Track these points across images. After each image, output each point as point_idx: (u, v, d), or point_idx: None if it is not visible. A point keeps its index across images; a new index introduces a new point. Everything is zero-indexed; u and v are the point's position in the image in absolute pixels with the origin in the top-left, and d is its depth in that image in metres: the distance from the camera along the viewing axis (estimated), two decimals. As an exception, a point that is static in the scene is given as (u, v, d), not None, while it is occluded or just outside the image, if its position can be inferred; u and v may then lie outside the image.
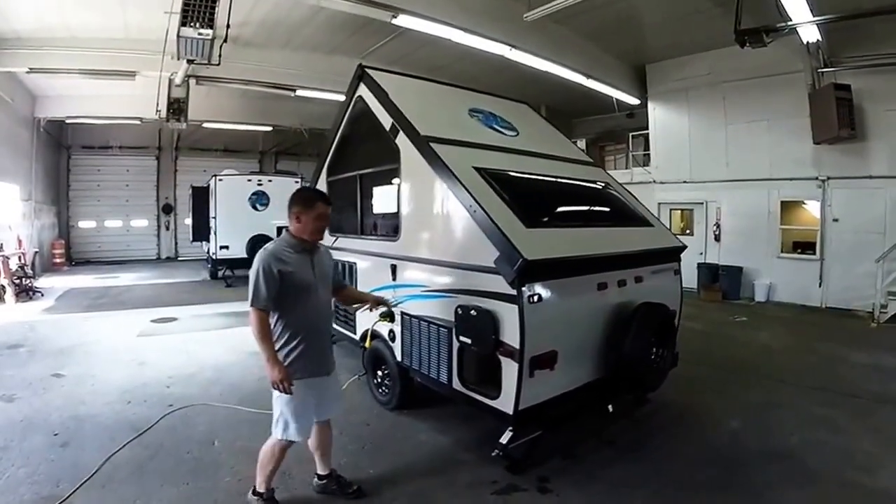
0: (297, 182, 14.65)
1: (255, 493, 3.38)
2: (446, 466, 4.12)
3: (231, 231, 13.34)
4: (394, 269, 4.87)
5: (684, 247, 5.46)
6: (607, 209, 5.35)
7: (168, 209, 19.76)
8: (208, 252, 14.87)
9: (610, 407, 4.39)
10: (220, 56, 9.05)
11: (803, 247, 11.56)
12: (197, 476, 3.84)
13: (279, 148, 20.93)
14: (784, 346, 8.00)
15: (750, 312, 10.60)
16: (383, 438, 4.57)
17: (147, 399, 5.37)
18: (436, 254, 4.39)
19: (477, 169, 4.30)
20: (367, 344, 4.61)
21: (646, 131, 14.38)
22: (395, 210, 4.92)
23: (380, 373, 5.28)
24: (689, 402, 5.40)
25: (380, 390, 5.28)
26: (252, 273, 3.03)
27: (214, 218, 13.55)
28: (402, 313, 4.67)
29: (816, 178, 10.81)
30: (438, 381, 4.35)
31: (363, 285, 5.36)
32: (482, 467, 4.04)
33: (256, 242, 13.17)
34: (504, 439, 3.81)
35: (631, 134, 15.11)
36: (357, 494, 3.58)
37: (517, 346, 3.59)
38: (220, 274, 14.00)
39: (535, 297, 3.65)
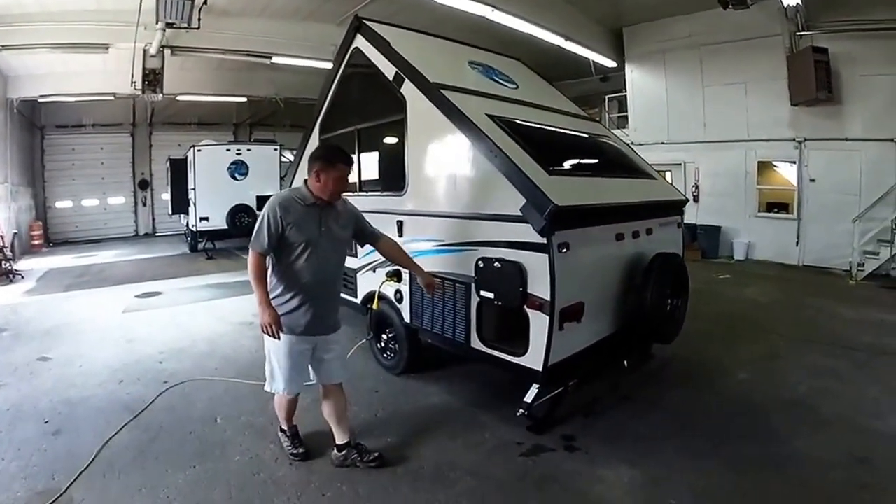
0: (275, 150, 14.11)
1: (280, 430, 3.45)
2: (466, 430, 3.82)
3: (211, 202, 12.67)
4: (400, 224, 4.41)
5: (687, 200, 5.24)
6: (615, 161, 5.03)
7: (144, 185, 18.81)
8: (187, 225, 14.22)
9: (626, 362, 4.24)
10: (199, 19, 8.34)
11: (778, 207, 11.54)
12: (204, 457, 3.42)
13: (254, 119, 20.06)
14: (773, 302, 7.95)
15: (731, 270, 10.55)
16: (395, 404, 4.24)
17: (140, 377, 4.87)
18: (449, 205, 3.97)
19: (490, 116, 3.90)
20: (374, 306, 4.22)
21: (620, 94, 14.18)
22: (400, 163, 4.45)
23: (385, 336, 4.90)
24: (694, 355, 5.22)
25: (385, 355, 4.92)
26: (259, 218, 2.93)
27: (193, 189, 12.84)
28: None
29: (793, 140, 10.71)
30: (454, 340, 4.00)
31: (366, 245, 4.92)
32: (503, 428, 3.79)
33: (237, 213, 12.85)
34: (529, 398, 3.56)
35: (607, 97, 14.80)
36: (378, 463, 3.25)
37: (547, 297, 3.27)
38: (200, 246, 13.35)
39: (564, 246, 3.31)
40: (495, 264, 3.51)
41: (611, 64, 13.03)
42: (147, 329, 6.50)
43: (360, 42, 4.87)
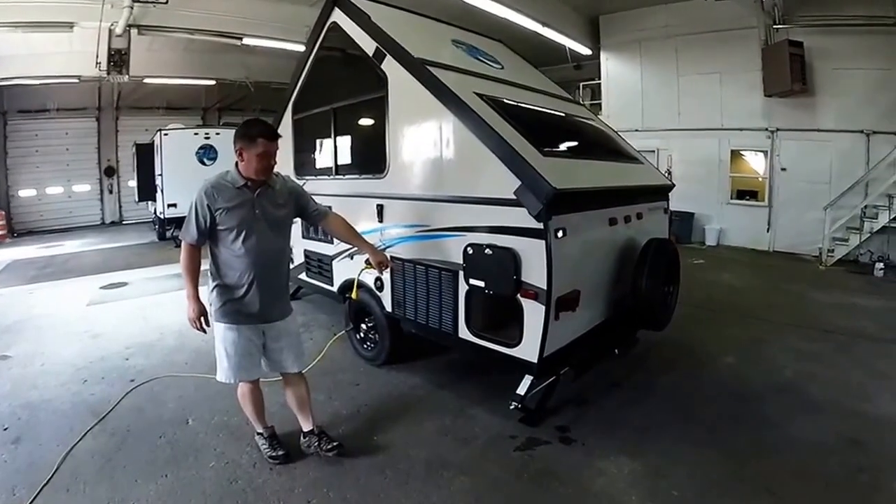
0: None
1: (257, 433, 3.21)
2: (456, 424, 3.59)
3: (179, 188, 11.98)
4: (380, 209, 4.11)
5: (674, 185, 5.06)
6: (604, 144, 4.81)
7: (110, 172, 17.90)
8: (155, 212, 13.58)
9: (616, 350, 4.05)
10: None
11: (749, 194, 11.57)
12: (176, 465, 3.09)
13: (223, 103, 19.24)
14: (749, 287, 7.94)
15: (704, 256, 10.53)
16: (379, 398, 3.97)
17: (105, 375, 4.48)
18: (435, 188, 3.66)
19: (479, 95, 3.62)
20: (353, 295, 3.93)
21: (594, 82, 14.04)
22: (380, 143, 4.12)
23: (364, 326, 4.61)
24: (679, 340, 5.09)
25: (365, 345, 4.63)
26: (190, 205, 2.73)
27: (161, 175, 12.22)
28: (393, 258, 3.97)
29: (766, 130, 10.72)
30: (440, 331, 3.75)
31: None
32: (494, 421, 3.60)
33: (206, 198, 12.19)
34: (522, 390, 3.38)
35: (581, 84, 14.61)
36: (338, 452, 3.07)
37: (543, 286, 3.04)
38: (168, 234, 12.74)
39: (560, 232, 3.07)
40: (486, 251, 3.24)
41: (586, 52, 12.81)
42: (113, 322, 6.07)
43: (338, 16, 4.51)
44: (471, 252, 3.33)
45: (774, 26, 10.00)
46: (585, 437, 3.37)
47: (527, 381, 3.39)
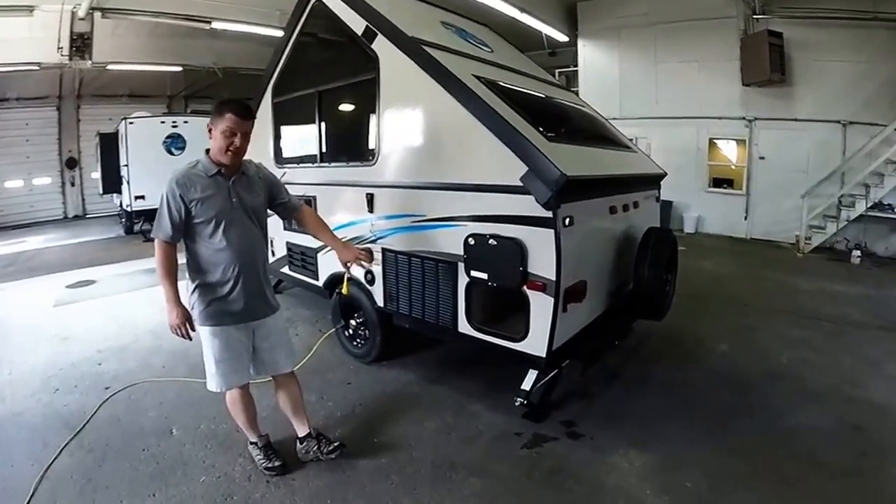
0: None
1: (250, 443, 2.97)
2: (458, 422, 3.45)
3: (146, 179, 11.41)
4: (370, 198, 3.88)
5: (665, 174, 4.99)
6: (599, 131, 4.69)
7: (72, 163, 17.02)
8: (121, 205, 12.97)
9: (616, 340, 4.00)
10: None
11: (725, 182, 11.66)
12: (164, 481, 2.83)
13: (189, 91, 18.42)
14: (732, 274, 7.97)
15: (684, 242, 10.43)
16: (373, 398, 3.78)
17: (78, 383, 4.15)
18: (431, 176, 3.45)
19: (477, 77, 3.43)
20: (344, 290, 3.72)
21: (569, 69, 13.91)
22: (370, 128, 3.90)
23: (353, 322, 4.39)
24: (671, 329, 5.00)
25: (355, 342, 4.42)
26: (160, 200, 2.48)
27: (126, 166, 11.63)
28: (385, 250, 3.81)
29: (744, 118, 10.78)
30: (437, 325, 3.58)
31: (328, 223, 4.31)
32: (497, 417, 3.47)
33: (174, 190, 11.71)
34: (527, 385, 3.26)
35: (557, 71, 14.46)
36: (339, 453, 2.93)
37: (552, 277, 2.90)
38: (136, 228, 12.20)
39: (568, 220, 2.93)
40: (489, 241, 3.07)
41: (563, 38, 12.64)
42: (82, 324, 5.67)
43: (323, -7, 4.24)
44: (472, 243, 3.16)
45: (754, 16, 10.06)
46: (592, 431, 3.29)
47: (531, 375, 3.28)
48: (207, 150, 2.60)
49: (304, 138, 4.76)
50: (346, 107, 4.41)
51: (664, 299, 4.06)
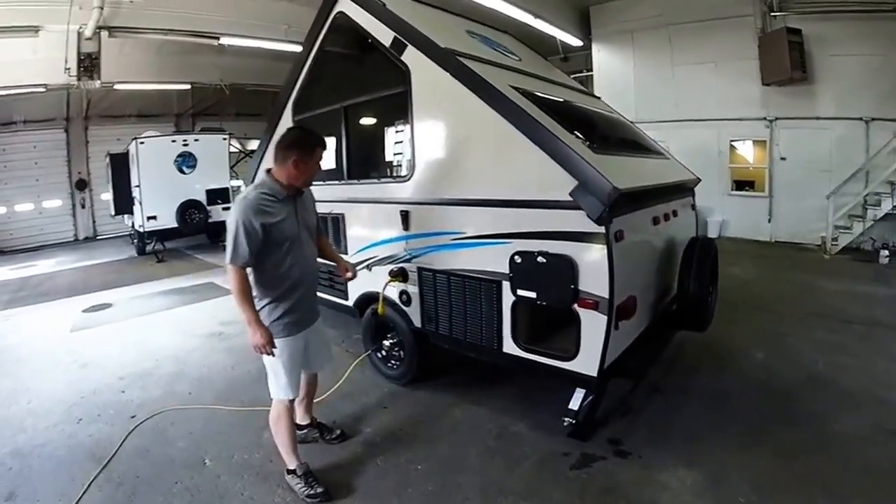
0: (224, 139, 13.06)
1: (288, 471, 2.94)
2: (501, 444, 3.35)
3: (158, 199, 11.54)
4: (405, 216, 3.79)
5: (699, 179, 4.89)
6: (634, 139, 4.61)
7: (82, 185, 17.05)
8: (133, 225, 12.97)
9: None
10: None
11: (747, 185, 11.51)
12: None
13: (197, 108, 18.52)
14: (759, 278, 7.84)
15: (708, 249, 10.42)
16: (413, 422, 3.68)
17: (101, 412, 4.06)
18: (472, 191, 3.36)
19: (514, 88, 3.35)
20: (380, 310, 3.63)
21: (583, 74, 13.74)
22: (403, 143, 3.83)
23: (387, 343, 4.28)
24: (705, 337, 4.78)
25: (389, 364, 4.30)
26: (230, 226, 2.59)
27: (138, 186, 11.65)
28: (423, 269, 3.72)
29: (764, 119, 10.64)
30: (481, 346, 3.48)
31: (357, 241, 4.32)
32: (541, 438, 3.38)
33: (187, 209, 11.84)
34: (574, 404, 3.21)
35: (570, 76, 14.39)
36: (341, 438, 3.37)
37: (605, 294, 2.81)
38: (148, 248, 12.21)
39: (619, 235, 2.83)
40: (538, 259, 2.98)
41: (576, 43, 12.65)
42: (101, 350, 5.59)
43: (346, 5, 4.17)
44: (519, 260, 3.07)
45: (771, 14, 9.94)
46: (640, 449, 3.21)
47: (578, 394, 3.22)
48: (268, 170, 2.75)
49: (328, 154, 4.67)
50: (376, 122, 4.35)
51: (708, 311, 3.96)
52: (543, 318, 3.23)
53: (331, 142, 4.58)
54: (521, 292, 3.10)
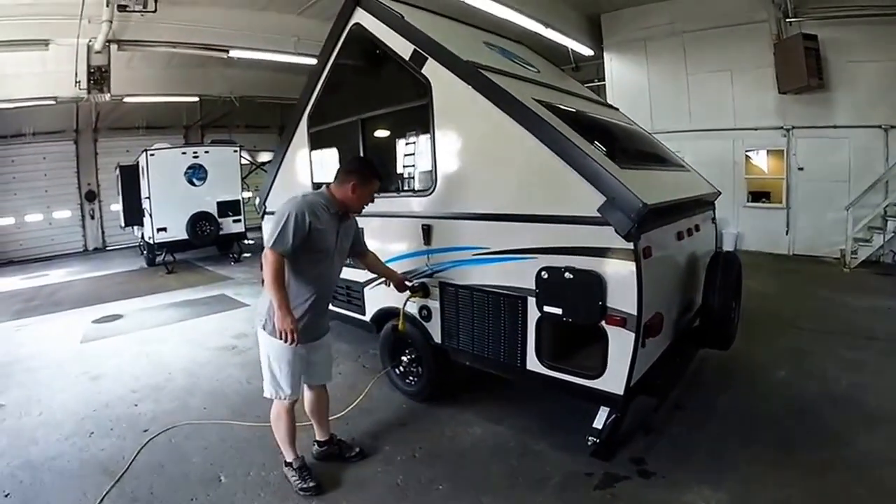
0: (235, 151, 13.14)
1: (286, 464, 3.15)
2: (524, 464, 3.31)
3: (168, 211, 11.61)
4: (427, 230, 3.77)
5: (720, 192, 4.87)
6: (655, 152, 4.59)
7: (91, 196, 17.24)
8: (142, 237, 13.07)
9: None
10: (156, 1, 7.44)
11: (763, 196, 11.37)
12: None
13: (206, 120, 18.77)
14: (778, 293, 7.74)
15: (725, 262, 10.32)
16: (431, 440, 3.64)
17: (114, 426, 4.05)
18: (496, 207, 3.34)
19: (538, 101, 3.34)
20: (401, 327, 3.63)
21: (594, 83, 13.59)
22: (425, 157, 3.81)
23: (404, 359, 4.24)
24: (726, 354, 4.73)
25: (407, 380, 4.27)
26: (280, 215, 2.77)
27: (148, 198, 11.72)
28: (444, 284, 3.69)
29: (781, 128, 10.53)
30: (503, 363, 3.45)
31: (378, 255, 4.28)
32: (563, 457, 3.34)
33: (197, 221, 11.88)
34: (599, 423, 3.17)
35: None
36: (360, 456, 3.38)
37: (633, 311, 2.78)
38: (158, 260, 12.27)
39: (647, 251, 2.82)
40: (565, 275, 2.95)
41: (588, 52, 12.62)
42: (112, 362, 5.60)
43: (362, 17, 4.18)
44: (546, 276, 3.04)
45: (786, 20, 9.82)
46: (663, 469, 3.17)
47: (603, 413, 3.17)
48: (327, 185, 3.01)
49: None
50: (395, 135, 4.31)
51: (732, 329, 3.94)
52: (566, 334, 3.19)
53: (348, 155, 4.60)
54: (547, 308, 3.07)
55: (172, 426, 3.96)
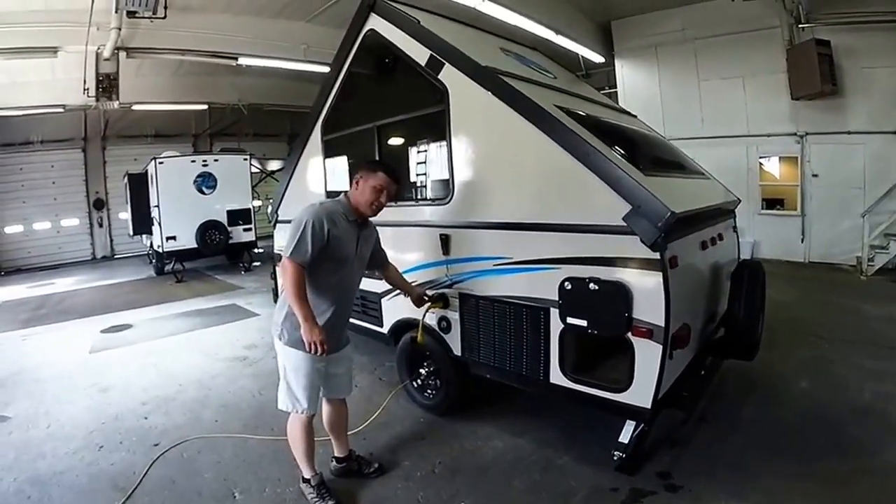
0: (245, 160, 13.17)
1: (303, 480, 3.07)
2: (547, 479, 3.24)
3: (177, 219, 11.62)
4: (444, 240, 3.70)
5: (739, 200, 4.86)
6: (676, 159, 4.52)
7: (100, 204, 17.35)
8: (151, 246, 13.07)
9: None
10: (165, 7, 7.44)
11: (777, 203, 11.31)
12: None
13: (214, 129, 18.84)
14: (796, 301, 7.64)
15: (741, 270, 10.22)
16: (451, 454, 3.56)
17: (123, 439, 3.97)
18: (518, 215, 3.27)
19: (559, 108, 3.29)
20: (419, 339, 3.57)
21: (605, 91, 13.61)
22: (442, 164, 3.76)
23: (422, 371, 4.16)
24: (747, 364, 4.63)
25: (425, 393, 4.18)
26: (297, 223, 2.72)
27: (157, 207, 11.75)
28: (464, 295, 3.63)
29: (795, 134, 10.48)
30: (526, 375, 3.38)
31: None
32: (587, 472, 3.27)
33: (207, 230, 11.88)
34: (625, 437, 3.10)
35: (596, 93, 14.39)
36: (379, 472, 3.30)
37: (660, 323, 2.71)
38: (167, 268, 12.29)
39: (674, 261, 2.75)
40: (590, 286, 2.88)
41: (599, 59, 12.57)
42: (121, 373, 5.54)
43: (377, 22, 4.15)
44: (569, 287, 2.98)
45: (798, 25, 9.79)
46: (689, 482, 3.10)
47: (629, 427, 3.10)
48: (344, 193, 2.98)
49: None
50: (411, 142, 4.25)
51: (757, 339, 3.85)
52: (590, 346, 3.13)
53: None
54: (570, 320, 3.00)
55: (184, 440, 3.89)
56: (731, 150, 11.11)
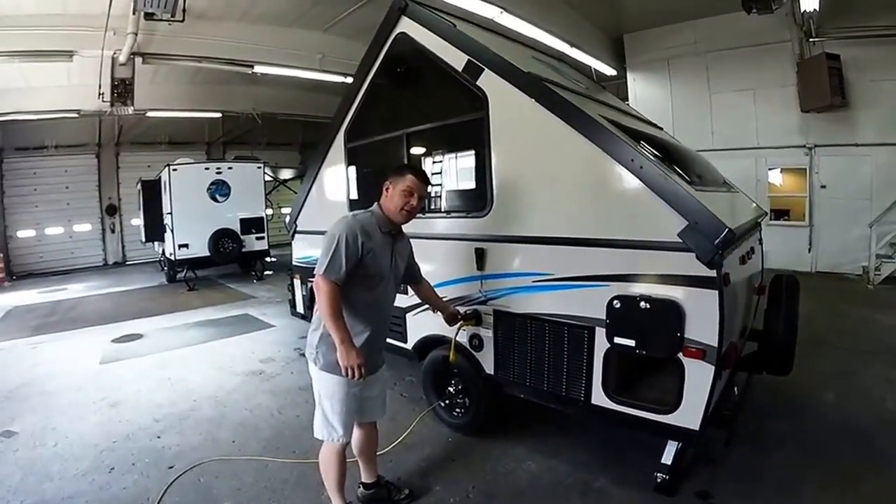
0: (259, 167, 13.00)
1: None
2: (586, 502, 3.04)
3: (190, 227, 11.42)
4: (480, 254, 3.48)
5: (766, 213, 4.62)
6: (711, 172, 4.34)
7: (112, 210, 17.20)
8: (163, 253, 12.87)
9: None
10: (184, 10, 7.29)
11: (784, 214, 11.26)
12: None
13: (228, 137, 18.66)
14: (808, 311, 7.25)
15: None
16: (484, 477, 3.34)
17: (136, 460, 3.68)
18: (562, 229, 3.08)
19: (605, 118, 3.12)
20: (452, 357, 3.38)
21: (620, 104, 13.70)
22: (479, 174, 3.56)
23: (451, 389, 3.90)
24: (769, 378, 4.34)
25: (454, 412, 3.94)
26: (329, 238, 2.51)
27: (170, 214, 11.55)
28: (500, 312, 3.43)
29: (804, 146, 10.41)
30: (565, 396, 3.19)
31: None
32: (626, 493, 3.10)
33: (220, 238, 11.68)
34: (668, 458, 2.96)
35: (610, 106, 14.31)
36: (410, 499, 3.08)
37: (713, 342, 2.55)
38: (179, 276, 12.08)
39: (727, 278, 2.60)
40: (641, 304, 2.70)
41: (611, 72, 12.47)
42: (133, 386, 5.25)
43: (408, 26, 3.94)
44: (619, 306, 2.79)
45: (809, 39, 9.77)
46: (730, 502, 2.97)
47: (671, 448, 2.96)
48: (376, 202, 2.74)
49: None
50: (445, 150, 4.03)
51: (793, 353, 3.65)
52: (632, 366, 2.96)
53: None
54: (618, 340, 2.82)
55: (200, 462, 3.61)
56: (740, 161, 10.97)
